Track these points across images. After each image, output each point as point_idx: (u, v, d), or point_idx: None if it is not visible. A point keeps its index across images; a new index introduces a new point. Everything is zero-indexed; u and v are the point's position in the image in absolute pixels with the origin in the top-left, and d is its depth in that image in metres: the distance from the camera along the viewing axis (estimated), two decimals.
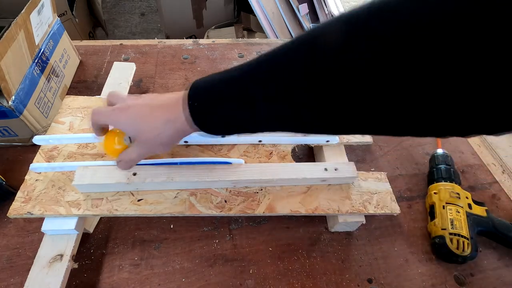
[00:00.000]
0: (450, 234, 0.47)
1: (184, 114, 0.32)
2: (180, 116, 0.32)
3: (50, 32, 0.58)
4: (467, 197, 0.51)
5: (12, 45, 0.46)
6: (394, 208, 0.48)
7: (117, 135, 0.38)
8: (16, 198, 0.41)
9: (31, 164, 0.42)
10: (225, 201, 0.44)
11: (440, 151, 0.58)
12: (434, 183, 0.54)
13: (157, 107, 0.34)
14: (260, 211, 0.44)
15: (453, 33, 0.19)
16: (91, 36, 1.77)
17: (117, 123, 0.36)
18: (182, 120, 0.32)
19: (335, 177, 0.46)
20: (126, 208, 0.41)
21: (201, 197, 0.44)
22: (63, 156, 0.45)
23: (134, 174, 0.42)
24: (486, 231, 0.49)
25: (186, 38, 1.41)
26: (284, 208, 0.45)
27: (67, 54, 0.65)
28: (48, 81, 0.56)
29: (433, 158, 0.58)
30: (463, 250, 0.45)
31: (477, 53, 0.19)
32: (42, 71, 0.54)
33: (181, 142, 0.48)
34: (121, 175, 0.41)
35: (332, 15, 1.69)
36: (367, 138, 0.57)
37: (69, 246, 0.40)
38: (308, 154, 0.59)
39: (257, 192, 0.46)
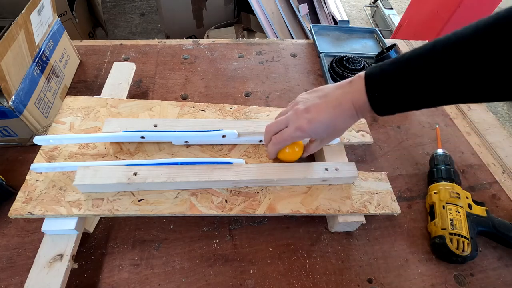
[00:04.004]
0: (450, 234, 0.47)
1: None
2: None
3: (50, 32, 0.58)
4: (467, 197, 0.51)
5: (12, 45, 0.46)
6: (394, 208, 0.48)
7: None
8: (16, 198, 0.41)
9: (31, 164, 0.42)
10: (226, 201, 0.44)
11: (440, 151, 0.58)
12: (434, 183, 0.54)
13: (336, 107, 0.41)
14: (260, 211, 0.44)
15: None
16: (91, 36, 1.77)
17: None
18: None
19: (336, 177, 0.47)
20: (127, 208, 0.41)
21: (201, 197, 0.44)
22: (63, 156, 0.45)
23: (135, 174, 0.42)
24: (486, 231, 0.49)
25: (186, 38, 1.42)
26: (284, 208, 0.45)
27: (67, 54, 0.65)
28: (48, 81, 0.56)
29: (433, 158, 0.58)
30: (463, 250, 0.45)
31: None
32: (42, 71, 0.54)
33: (181, 142, 0.48)
34: (121, 176, 0.41)
35: (332, 15, 1.69)
36: (367, 138, 0.57)
37: (69, 246, 0.40)
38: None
39: (257, 192, 0.46)
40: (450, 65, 0.33)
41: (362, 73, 0.39)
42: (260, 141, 0.51)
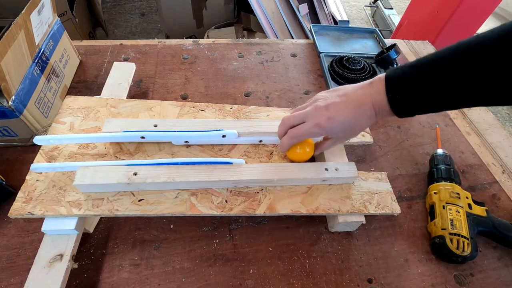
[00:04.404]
0: (450, 234, 0.47)
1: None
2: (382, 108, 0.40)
3: (50, 32, 0.58)
4: (467, 197, 0.51)
5: (12, 45, 0.46)
6: (394, 208, 0.48)
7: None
8: (17, 198, 0.41)
9: (32, 164, 0.42)
10: (226, 201, 0.44)
11: (440, 151, 0.58)
12: (434, 183, 0.54)
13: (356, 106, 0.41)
14: (260, 211, 0.44)
15: None
16: (91, 36, 1.77)
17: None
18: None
19: (336, 177, 0.47)
20: (127, 208, 0.41)
21: (201, 197, 0.44)
22: (63, 156, 0.45)
23: (135, 174, 0.42)
24: (486, 231, 0.49)
25: (186, 38, 1.42)
26: (284, 208, 0.45)
27: (67, 54, 0.65)
28: (48, 81, 0.56)
29: (433, 158, 0.58)
30: (463, 250, 0.45)
31: None
32: (42, 71, 0.54)
33: (181, 142, 0.48)
34: (121, 176, 0.41)
35: (332, 15, 1.69)
36: (367, 138, 0.57)
37: (69, 246, 0.40)
38: None
39: (257, 192, 0.46)
40: (471, 68, 0.33)
41: (383, 74, 0.40)
42: (260, 141, 0.51)
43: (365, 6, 2.63)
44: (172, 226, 0.48)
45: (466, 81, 0.34)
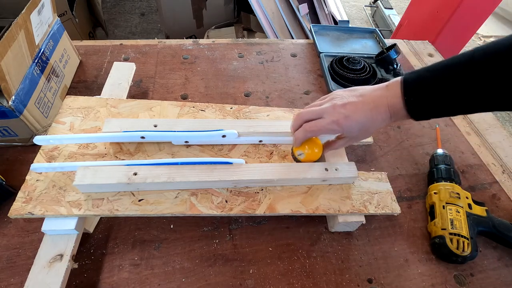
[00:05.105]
0: (450, 234, 0.47)
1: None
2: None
3: (50, 32, 0.58)
4: (467, 197, 0.51)
5: (12, 45, 0.46)
6: (394, 208, 0.48)
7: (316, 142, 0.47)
8: (17, 198, 0.41)
9: (32, 164, 0.42)
10: (226, 201, 0.44)
11: (440, 151, 0.58)
12: (434, 183, 0.54)
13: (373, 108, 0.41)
14: (260, 211, 0.44)
15: None
16: (91, 36, 1.77)
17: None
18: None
19: (336, 177, 0.47)
20: (127, 208, 0.41)
21: (201, 197, 0.44)
22: (63, 156, 0.45)
23: (135, 174, 0.42)
24: (486, 231, 0.49)
25: (186, 38, 1.41)
26: (284, 208, 0.45)
27: (67, 54, 0.65)
28: (48, 81, 0.56)
29: (433, 158, 0.58)
30: (463, 250, 0.45)
31: None
32: (42, 71, 0.54)
33: (181, 142, 0.48)
34: (121, 175, 0.41)
35: (332, 15, 1.69)
36: (367, 138, 0.57)
37: (69, 246, 0.40)
38: None
39: (257, 192, 0.46)
40: (488, 73, 0.34)
41: (399, 78, 0.40)
42: (260, 141, 0.51)
43: (365, 6, 2.63)
44: (172, 226, 0.48)
45: (480, 87, 0.35)
